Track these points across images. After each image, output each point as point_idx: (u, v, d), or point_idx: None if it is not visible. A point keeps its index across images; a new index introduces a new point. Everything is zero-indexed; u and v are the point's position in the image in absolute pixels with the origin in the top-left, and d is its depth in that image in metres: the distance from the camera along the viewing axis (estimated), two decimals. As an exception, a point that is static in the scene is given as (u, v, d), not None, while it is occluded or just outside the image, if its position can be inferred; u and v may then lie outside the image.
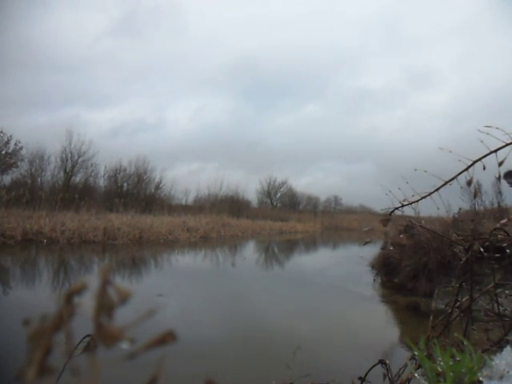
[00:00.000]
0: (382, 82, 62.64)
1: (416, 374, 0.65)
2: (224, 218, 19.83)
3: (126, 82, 50.16)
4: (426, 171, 0.97)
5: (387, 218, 1.09)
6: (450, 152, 0.93)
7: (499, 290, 1.09)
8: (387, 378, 1.07)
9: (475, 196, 9.33)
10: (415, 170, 1.02)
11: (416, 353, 0.59)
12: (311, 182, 46.87)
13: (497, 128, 0.87)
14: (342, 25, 66.45)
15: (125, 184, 22.01)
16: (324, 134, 52.75)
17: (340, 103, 58.53)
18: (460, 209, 7.38)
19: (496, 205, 9.54)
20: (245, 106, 55.68)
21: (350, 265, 9.37)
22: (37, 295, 5.30)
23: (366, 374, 1.13)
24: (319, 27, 65.73)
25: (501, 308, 1.06)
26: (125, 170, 21.95)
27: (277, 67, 60.55)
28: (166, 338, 0.24)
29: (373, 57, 64.30)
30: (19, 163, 18.82)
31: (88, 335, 0.40)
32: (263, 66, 60.62)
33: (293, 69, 61.86)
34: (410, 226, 5.45)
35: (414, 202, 1.05)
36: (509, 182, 4.21)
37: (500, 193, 9.84)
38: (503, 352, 0.63)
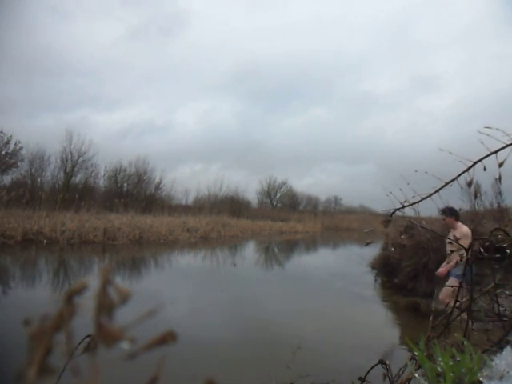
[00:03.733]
0: (387, 86, 63.05)
1: (416, 375, 0.65)
2: (224, 219, 19.82)
3: (136, 86, 50.76)
4: (426, 172, 0.97)
5: (388, 218, 1.09)
6: (451, 153, 0.93)
7: (499, 291, 1.09)
8: (387, 379, 1.07)
9: (475, 197, 9.32)
10: (416, 171, 1.02)
11: (416, 353, 0.59)
12: (313, 183, 47.21)
13: (497, 129, 0.87)
14: (350, 31, 67.06)
15: (125, 184, 22.02)
16: (327, 136, 53.18)
17: (345, 106, 58.98)
18: (460, 209, 7.38)
19: (496, 205, 9.52)
20: (252, 109, 56.22)
21: (350, 265, 9.36)
22: (37, 295, 5.30)
23: (366, 375, 1.13)
24: (328, 33, 66.48)
25: (501, 308, 1.06)
26: (125, 170, 21.97)
27: (284, 72, 61.30)
28: (167, 338, 0.24)
29: (379, 62, 64.84)
30: (19, 163, 18.84)
31: (88, 335, 0.40)
32: (271, 70, 61.17)
33: (300, 73, 62.54)
34: (410, 227, 5.45)
35: (414, 203, 1.05)
36: (443, 219, 4.17)
37: (500, 193, 9.80)
38: (503, 352, 0.63)
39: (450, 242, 4.27)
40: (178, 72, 56.57)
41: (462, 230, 4.08)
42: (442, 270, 4.06)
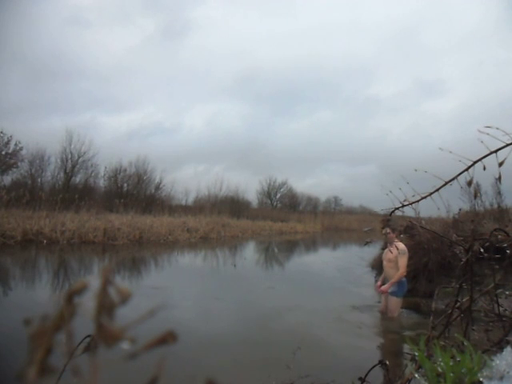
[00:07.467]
0: (392, 89, 63.52)
1: (416, 375, 0.65)
2: (224, 219, 19.81)
3: (146, 89, 51.51)
4: (426, 171, 0.97)
5: (387, 218, 1.09)
6: (450, 152, 0.93)
7: (499, 291, 1.09)
8: (387, 379, 1.07)
9: (475, 196, 9.32)
10: (415, 170, 1.02)
11: (416, 353, 0.59)
12: (315, 184, 47.51)
13: (497, 128, 0.87)
14: (358, 36, 67.85)
15: (125, 184, 22.03)
16: (331, 138, 53.53)
17: (350, 109, 59.37)
18: (460, 209, 7.38)
19: (496, 205, 9.52)
20: (259, 112, 56.69)
21: (350, 266, 9.36)
22: (37, 295, 5.30)
23: (366, 375, 1.13)
24: (336, 38, 67.32)
25: (501, 308, 1.06)
26: (125, 170, 21.99)
27: (292, 76, 62.07)
28: (167, 338, 0.24)
29: (385, 66, 65.59)
30: (19, 164, 18.86)
31: (88, 335, 0.40)
32: (279, 74, 61.82)
33: (307, 77, 63.25)
34: (410, 227, 5.45)
35: (414, 203, 1.05)
36: (388, 233, 4.20)
37: (500, 193, 9.80)
38: (503, 352, 0.63)
39: (389, 258, 4.51)
40: (188, 75, 57.47)
41: (399, 246, 4.43)
42: (385, 287, 4.48)
